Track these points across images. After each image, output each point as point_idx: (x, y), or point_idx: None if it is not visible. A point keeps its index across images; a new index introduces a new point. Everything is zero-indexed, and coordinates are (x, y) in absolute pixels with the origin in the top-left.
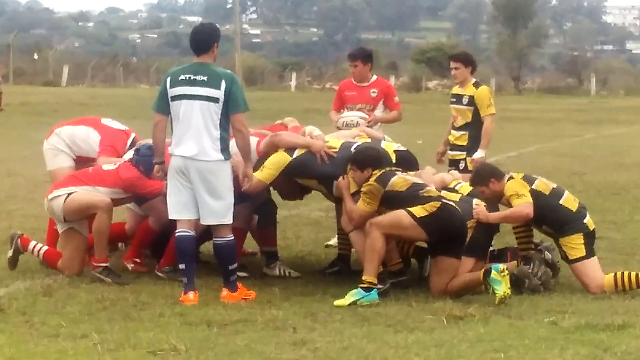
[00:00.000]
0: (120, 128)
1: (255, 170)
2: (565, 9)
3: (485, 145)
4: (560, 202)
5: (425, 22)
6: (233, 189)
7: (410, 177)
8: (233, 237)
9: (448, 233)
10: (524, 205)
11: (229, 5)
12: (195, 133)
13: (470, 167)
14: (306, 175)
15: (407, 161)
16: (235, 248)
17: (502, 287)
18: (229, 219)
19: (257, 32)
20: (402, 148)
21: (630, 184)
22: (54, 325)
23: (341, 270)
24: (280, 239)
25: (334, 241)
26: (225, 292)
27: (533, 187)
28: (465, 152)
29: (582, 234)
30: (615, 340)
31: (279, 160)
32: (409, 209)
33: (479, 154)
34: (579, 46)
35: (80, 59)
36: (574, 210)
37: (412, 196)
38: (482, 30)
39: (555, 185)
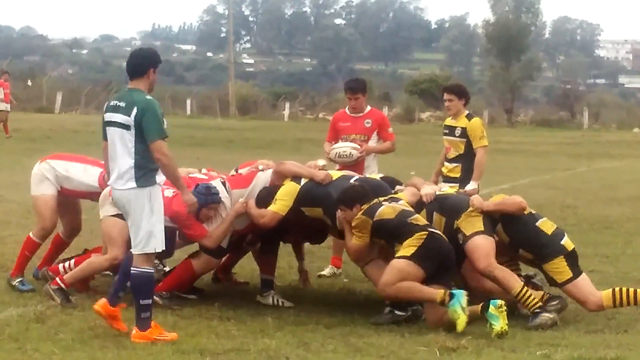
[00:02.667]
0: None
1: (263, 203)
2: (558, 42)
3: (478, 177)
4: (537, 224)
5: (419, 53)
6: (155, 217)
7: (399, 205)
8: (151, 271)
9: (438, 261)
10: (517, 196)
11: (222, 35)
12: (115, 160)
13: None
14: (313, 203)
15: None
16: (153, 284)
17: (499, 323)
18: (149, 249)
19: (251, 61)
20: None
21: (623, 217)
22: (47, 353)
23: None
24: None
25: (326, 271)
26: (134, 330)
27: None
28: (458, 184)
29: (562, 256)
30: None
31: (289, 190)
32: (398, 253)
33: (471, 186)
34: (571, 79)
35: (74, 86)
36: (549, 234)
37: (402, 224)
38: (475, 63)
39: (533, 211)
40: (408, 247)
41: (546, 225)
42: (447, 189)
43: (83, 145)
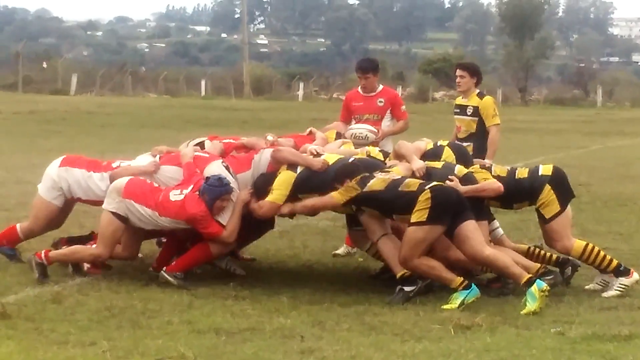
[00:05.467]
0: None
1: (261, 192)
2: (571, 20)
3: (492, 155)
4: (515, 177)
5: (432, 33)
6: None
7: (388, 175)
8: None
9: (453, 209)
10: (493, 180)
11: (236, 15)
12: None
13: None
14: (310, 190)
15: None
16: None
17: (535, 304)
18: None
19: (265, 42)
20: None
21: (637, 195)
22: (63, 333)
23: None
24: (288, 248)
25: (341, 250)
26: None
27: (492, 174)
28: None
29: (546, 184)
30: (622, 350)
31: (285, 179)
32: (413, 219)
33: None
34: (585, 58)
35: (88, 68)
36: (527, 176)
37: (394, 195)
38: (489, 42)
39: (509, 167)
40: (419, 212)
41: (523, 173)
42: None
43: (98, 127)
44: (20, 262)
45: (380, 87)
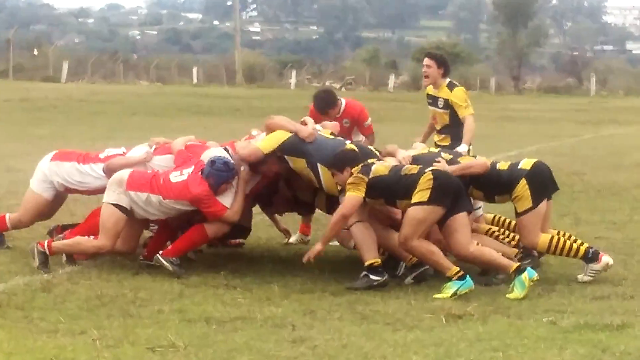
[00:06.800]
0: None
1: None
2: (565, 8)
3: (468, 140)
4: (497, 168)
5: (426, 20)
6: None
7: (388, 162)
8: None
9: (453, 193)
10: (480, 158)
11: (229, 2)
12: None
13: None
14: (297, 153)
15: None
16: None
17: (522, 292)
18: None
19: (257, 29)
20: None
21: (630, 184)
22: (53, 321)
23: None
24: (280, 237)
25: (293, 239)
26: None
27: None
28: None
29: (523, 178)
30: (614, 340)
31: (278, 134)
32: (414, 200)
33: (461, 148)
34: (579, 46)
35: (80, 55)
36: (507, 168)
37: (397, 178)
38: (482, 30)
39: (492, 159)
40: (421, 192)
41: (504, 165)
42: (421, 148)
43: (90, 115)
44: (7, 248)
45: (343, 103)
